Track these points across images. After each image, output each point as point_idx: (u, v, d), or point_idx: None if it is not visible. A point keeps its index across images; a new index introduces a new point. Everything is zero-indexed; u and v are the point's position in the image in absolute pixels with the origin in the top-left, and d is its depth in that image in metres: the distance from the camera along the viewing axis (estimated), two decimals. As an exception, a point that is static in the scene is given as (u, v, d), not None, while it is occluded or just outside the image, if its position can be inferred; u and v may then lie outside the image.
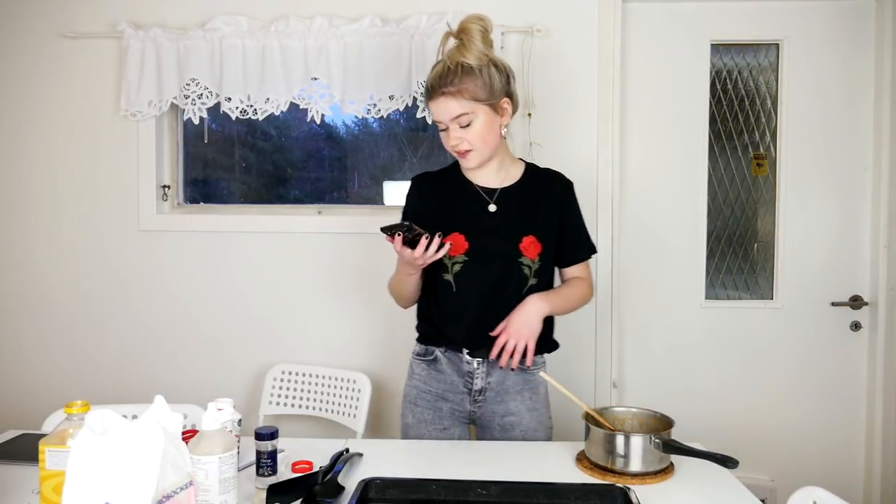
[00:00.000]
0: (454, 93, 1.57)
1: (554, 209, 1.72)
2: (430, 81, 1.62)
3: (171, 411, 1.04)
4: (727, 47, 2.53)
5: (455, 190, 1.73)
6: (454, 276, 1.66)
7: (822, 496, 1.24)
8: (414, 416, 1.72)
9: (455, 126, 1.60)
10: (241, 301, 2.59)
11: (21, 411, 2.58)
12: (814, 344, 2.52)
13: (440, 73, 1.60)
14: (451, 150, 1.65)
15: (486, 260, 1.65)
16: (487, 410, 1.70)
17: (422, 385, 1.73)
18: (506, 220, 1.68)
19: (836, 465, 2.53)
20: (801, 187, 2.51)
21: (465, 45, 1.60)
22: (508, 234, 1.66)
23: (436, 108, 1.61)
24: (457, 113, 1.59)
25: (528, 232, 1.66)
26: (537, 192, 1.72)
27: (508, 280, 1.65)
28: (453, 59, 1.59)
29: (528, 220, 1.68)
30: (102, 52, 2.54)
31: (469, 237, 1.65)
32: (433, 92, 1.61)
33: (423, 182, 1.79)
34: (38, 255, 2.61)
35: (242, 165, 2.72)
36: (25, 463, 1.44)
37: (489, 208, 1.69)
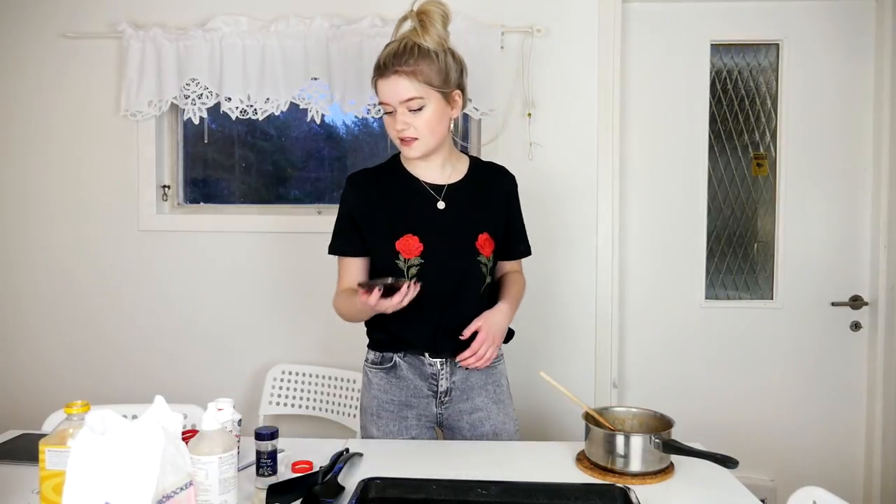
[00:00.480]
0: (408, 73, 1.49)
1: (502, 205, 1.68)
2: (383, 59, 1.52)
3: (171, 411, 1.04)
4: (727, 47, 2.53)
5: (400, 187, 1.63)
6: (410, 279, 1.56)
7: (822, 496, 1.24)
8: (379, 430, 1.64)
9: (403, 109, 1.52)
10: (241, 301, 2.59)
11: (21, 411, 2.58)
12: (814, 344, 2.52)
13: (395, 51, 1.50)
14: (394, 135, 1.56)
15: (444, 261, 1.58)
16: (454, 410, 1.65)
17: (382, 395, 1.65)
18: (459, 219, 1.61)
19: (836, 465, 2.53)
20: (801, 187, 2.51)
21: (425, 26, 1.52)
22: (463, 232, 1.61)
23: (386, 88, 1.51)
24: (408, 95, 1.50)
25: (482, 229, 1.61)
26: (486, 188, 1.67)
27: (468, 280, 1.60)
28: (410, 39, 1.51)
29: (481, 216, 1.63)
30: (102, 52, 2.54)
31: (423, 238, 1.58)
32: (384, 69, 1.51)
33: (363, 180, 1.66)
34: (38, 255, 2.61)
35: (242, 165, 2.72)
36: (25, 463, 1.44)
37: (438, 206, 1.61)
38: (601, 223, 2.47)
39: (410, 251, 1.58)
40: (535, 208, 2.48)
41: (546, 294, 2.50)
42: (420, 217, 1.60)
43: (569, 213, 2.49)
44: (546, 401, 2.44)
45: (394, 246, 1.58)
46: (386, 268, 1.59)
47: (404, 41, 1.51)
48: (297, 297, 2.56)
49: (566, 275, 2.50)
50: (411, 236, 1.58)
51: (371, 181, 1.66)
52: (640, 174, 2.55)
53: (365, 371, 1.71)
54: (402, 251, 1.58)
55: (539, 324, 2.49)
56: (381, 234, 1.60)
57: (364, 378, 1.71)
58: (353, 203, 1.64)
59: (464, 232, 1.61)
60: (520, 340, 1.79)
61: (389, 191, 1.63)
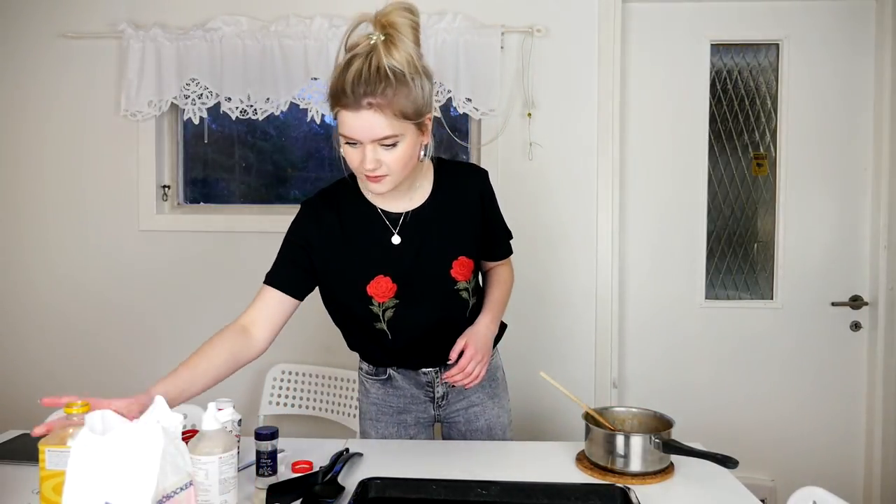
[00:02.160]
0: (381, 106, 1.23)
1: (475, 215, 1.50)
2: (348, 85, 1.23)
3: (171, 411, 1.04)
4: (727, 47, 2.53)
5: (359, 219, 1.44)
6: (388, 323, 1.46)
7: (822, 496, 1.24)
8: (378, 433, 1.62)
9: (374, 146, 1.27)
10: (241, 301, 2.56)
11: (21, 411, 2.57)
12: (814, 344, 2.52)
13: (362, 77, 1.22)
14: (358, 170, 1.33)
15: (419, 299, 1.45)
16: (451, 410, 1.64)
17: (380, 402, 1.62)
18: (424, 250, 1.44)
19: (836, 465, 2.53)
20: (801, 187, 2.51)
21: (394, 43, 1.25)
22: (434, 264, 1.45)
23: (355, 122, 1.25)
24: (382, 134, 1.25)
25: (456, 255, 1.46)
26: (452, 204, 1.47)
27: (449, 312, 1.49)
28: (379, 60, 1.23)
29: (452, 240, 1.46)
30: (102, 52, 2.54)
31: (395, 278, 1.43)
32: (351, 100, 1.23)
33: (322, 210, 1.45)
34: (38, 254, 2.61)
35: (242, 165, 2.72)
36: (25, 463, 1.44)
37: (392, 240, 1.43)
38: (601, 223, 2.47)
39: (384, 294, 1.43)
40: (535, 208, 2.49)
41: (546, 294, 2.50)
42: (384, 253, 1.43)
43: (569, 213, 2.49)
44: (546, 401, 2.44)
45: (365, 291, 1.43)
46: (358, 313, 1.46)
47: (372, 62, 1.23)
48: (297, 297, 2.56)
49: (566, 275, 2.50)
50: (382, 277, 1.42)
51: (331, 211, 1.45)
52: (640, 174, 2.55)
53: (361, 379, 1.66)
54: (374, 295, 1.44)
55: (539, 324, 2.49)
56: (349, 279, 1.44)
57: (361, 386, 1.67)
58: (315, 235, 1.44)
59: (434, 264, 1.45)
60: (520, 340, 1.79)
61: (351, 223, 1.44)
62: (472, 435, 1.65)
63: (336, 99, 1.27)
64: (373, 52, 1.24)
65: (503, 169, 2.46)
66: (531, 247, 2.47)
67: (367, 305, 1.45)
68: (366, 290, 1.43)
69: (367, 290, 1.44)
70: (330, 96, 1.29)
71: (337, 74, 1.27)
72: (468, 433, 1.65)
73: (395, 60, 1.24)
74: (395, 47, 1.25)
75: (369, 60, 1.24)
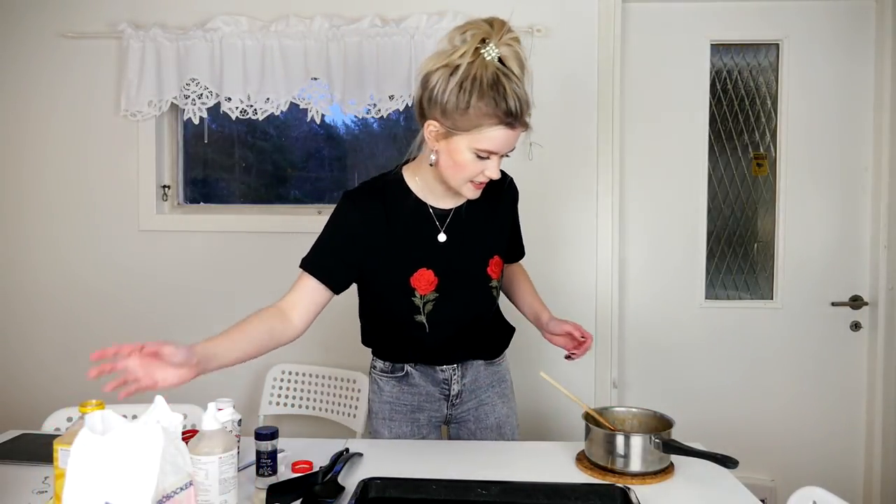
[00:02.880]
0: (525, 123, 1.36)
1: (507, 218, 1.61)
2: (511, 107, 1.31)
3: (171, 411, 1.04)
4: (727, 47, 2.53)
5: (409, 214, 1.49)
6: (427, 315, 1.51)
7: (822, 496, 1.24)
8: (391, 432, 1.63)
9: (501, 157, 1.40)
10: (241, 301, 2.58)
11: (21, 411, 2.58)
12: (814, 344, 2.52)
13: (521, 100, 1.33)
14: (475, 179, 1.40)
15: (458, 293, 1.52)
16: (462, 409, 1.66)
17: (394, 401, 1.63)
18: (465, 247, 1.51)
19: (836, 465, 2.53)
20: (801, 187, 2.51)
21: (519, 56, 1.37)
22: (474, 261, 1.53)
23: (509, 138, 1.35)
24: (515, 144, 1.39)
25: (492, 254, 1.56)
26: (492, 206, 1.55)
27: (481, 306, 1.58)
28: (520, 79, 1.35)
29: (490, 240, 1.56)
30: (102, 52, 2.54)
31: (437, 272, 1.49)
32: (514, 120, 1.33)
33: (369, 201, 1.47)
34: (38, 254, 2.61)
35: (242, 165, 2.72)
36: (25, 463, 1.44)
37: (438, 238, 1.50)
38: (601, 223, 2.47)
39: (426, 287, 1.49)
40: (535, 208, 2.49)
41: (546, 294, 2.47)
42: (430, 249, 1.49)
43: (569, 213, 2.49)
44: (546, 401, 2.44)
45: (409, 282, 1.48)
46: (399, 304, 1.50)
47: (516, 82, 1.33)
48: (297, 297, 2.56)
49: (566, 275, 2.50)
50: (425, 270, 1.48)
51: (380, 204, 1.47)
52: (640, 174, 2.55)
53: (374, 378, 1.66)
54: (417, 287, 1.49)
55: (539, 324, 2.49)
56: (394, 269, 1.49)
57: (373, 385, 1.66)
58: (363, 228, 1.46)
59: (474, 261, 1.54)
60: (520, 340, 1.79)
61: (400, 218, 1.48)
62: (482, 433, 1.66)
63: (487, 117, 1.31)
64: (509, 72, 1.32)
65: (503, 169, 2.45)
66: (531, 247, 2.44)
67: (409, 297, 1.49)
68: (409, 281, 1.48)
69: (411, 281, 1.48)
70: (472, 114, 1.31)
71: (482, 93, 1.30)
72: (478, 431, 1.66)
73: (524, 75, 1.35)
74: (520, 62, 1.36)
75: (512, 80, 1.32)
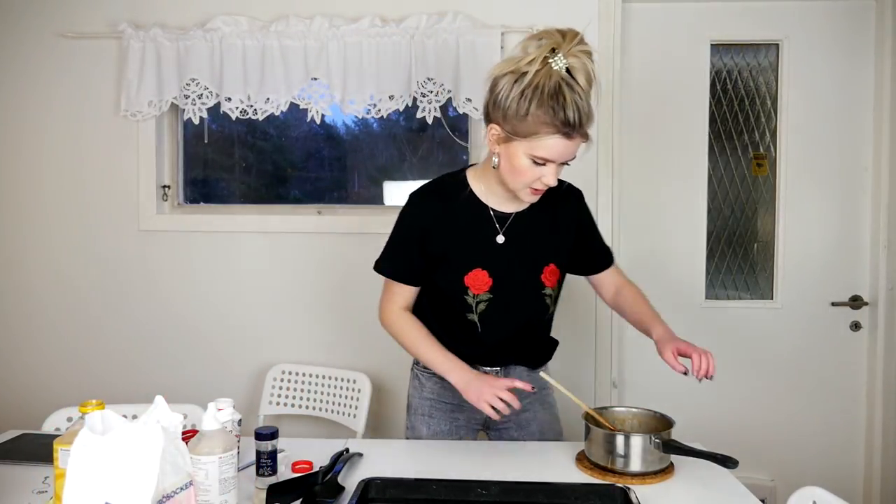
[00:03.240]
0: (585, 134, 1.39)
1: (569, 228, 1.61)
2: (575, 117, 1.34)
3: (171, 411, 1.04)
4: (727, 47, 2.53)
5: (469, 215, 1.54)
6: (479, 314, 1.56)
7: (822, 496, 1.24)
8: (429, 429, 1.65)
9: (560, 166, 1.42)
10: (241, 301, 2.59)
11: (21, 411, 2.57)
12: (814, 344, 2.52)
13: (579, 108, 1.35)
14: (532, 185, 1.43)
15: (511, 296, 1.55)
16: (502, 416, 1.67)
17: (435, 398, 1.66)
18: (521, 251, 1.55)
19: (836, 465, 2.53)
20: (801, 187, 2.51)
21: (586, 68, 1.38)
22: (528, 266, 1.56)
23: (564, 150, 1.38)
24: (574, 154, 1.42)
25: (548, 261, 1.57)
26: (552, 214, 1.58)
27: (533, 312, 1.59)
28: (584, 91, 1.36)
29: (546, 247, 1.58)
30: (102, 52, 2.54)
31: (491, 273, 1.54)
32: (572, 130, 1.36)
33: (432, 202, 1.55)
34: (38, 255, 2.61)
35: (242, 165, 2.72)
36: (25, 463, 1.44)
37: (497, 240, 1.54)
38: (601, 223, 2.45)
39: (480, 286, 1.54)
40: (535, 208, 2.48)
41: (546, 294, 2.49)
42: (489, 250, 1.54)
43: (569, 213, 2.49)
44: (546, 401, 2.44)
45: (463, 280, 1.53)
46: (453, 301, 1.55)
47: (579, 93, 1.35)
48: (298, 296, 2.56)
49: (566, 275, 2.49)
50: (480, 270, 1.53)
51: (443, 204, 1.55)
52: (639, 174, 2.55)
53: (416, 374, 1.70)
54: (471, 286, 1.54)
55: (539, 324, 2.49)
56: (451, 266, 1.54)
57: (414, 381, 1.70)
58: (428, 226, 1.54)
59: (529, 266, 1.56)
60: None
61: (460, 218, 1.54)
62: (524, 441, 1.65)
63: (545, 126, 1.34)
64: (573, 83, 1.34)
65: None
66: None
67: (462, 295, 1.54)
68: (463, 280, 1.53)
69: (465, 280, 1.54)
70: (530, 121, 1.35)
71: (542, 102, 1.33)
72: (520, 438, 1.66)
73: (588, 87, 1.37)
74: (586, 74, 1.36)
75: (576, 91, 1.35)
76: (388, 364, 2.51)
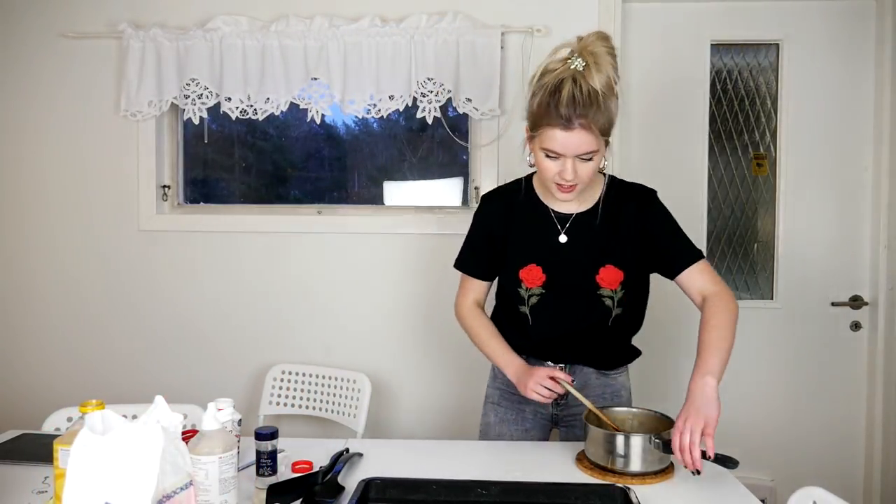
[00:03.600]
0: (587, 125, 1.39)
1: (632, 230, 1.58)
2: (564, 108, 1.38)
3: (171, 411, 1.04)
4: (727, 47, 2.53)
5: (531, 214, 1.62)
6: (530, 308, 1.60)
7: (822, 496, 1.24)
8: (496, 416, 1.70)
9: (574, 160, 1.43)
10: (241, 301, 2.59)
11: (21, 411, 2.58)
12: (814, 344, 2.52)
13: (577, 100, 1.37)
14: (553, 179, 1.47)
15: (564, 293, 1.58)
16: (569, 412, 1.68)
17: (505, 388, 1.69)
18: (580, 251, 1.58)
19: (836, 465, 2.53)
20: (801, 187, 2.51)
21: (599, 69, 1.40)
22: (584, 266, 1.57)
23: (567, 140, 1.40)
24: (588, 149, 1.41)
25: (604, 262, 1.57)
26: (613, 217, 1.59)
27: (589, 314, 1.59)
28: (589, 85, 1.39)
29: (604, 248, 1.57)
30: (102, 52, 2.54)
31: (546, 269, 1.58)
32: (568, 121, 1.39)
33: (501, 202, 1.66)
34: (38, 255, 2.61)
35: (242, 165, 2.72)
36: (25, 463, 1.44)
37: (560, 239, 1.59)
38: (601, 223, 2.47)
39: (533, 281, 1.59)
40: (535, 208, 2.48)
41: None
42: (544, 248, 1.59)
43: (569, 213, 2.49)
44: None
45: (517, 274, 1.59)
46: (509, 292, 1.62)
47: (582, 87, 1.38)
48: (297, 296, 2.56)
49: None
50: (535, 266, 1.58)
51: (507, 204, 1.65)
52: (640, 174, 2.54)
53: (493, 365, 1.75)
54: (524, 280, 1.59)
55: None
56: (509, 260, 1.62)
57: (492, 371, 1.76)
58: (493, 225, 1.65)
59: (584, 266, 1.57)
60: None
61: (521, 217, 1.63)
62: None
63: (545, 118, 1.41)
64: (580, 78, 1.39)
65: (503, 169, 2.46)
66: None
67: (516, 287, 1.60)
68: (518, 273, 1.59)
69: (520, 273, 1.59)
70: (536, 115, 1.44)
71: (545, 96, 1.41)
72: None
73: (599, 84, 1.39)
74: (599, 72, 1.40)
75: (579, 85, 1.39)
76: (388, 364, 2.52)
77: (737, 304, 1.55)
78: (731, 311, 1.53)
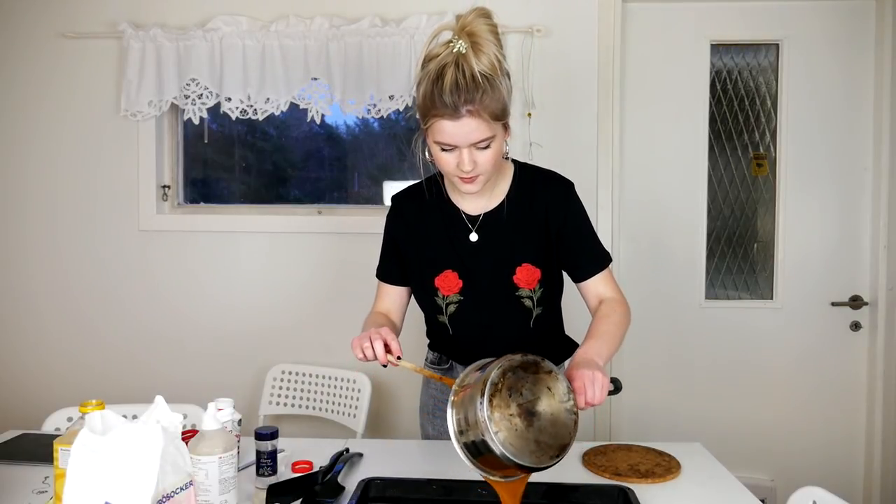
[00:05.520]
0: (478, 111, 1.27)
1: (546, 224, 1.46)
2: (445, 94, 1.26)
3: (171, 411, 1.04)
4: (727, 47, 2.53)
5: (440, 216, 1.50)
6: (449, 317, 1.50)
7: (822, 496, 1.24)
8: (434, 428, 1.62)
9: (471, 149, 1.31)
10: (241, 301, 2.58)
11: (21, 411, 2.58)
12: (814, 344, 2.52)
13: (459, 86, 1.26)
14: (453, 172, 1.35)
15: (481, 299, 1.48)
16: None
17: (439, 395, 1.62)
18: (493, 252, 1.46)
19: (836, 465, 2.53)
20: (801, 187, 2.51)
21: (482, 49, 1.28)
22: (499, 267, 1.46)
23: (455, 130, 1.28)
24: (480, 137, 1.29)
25: (521, 261, 1.46)
26: (525, 209, 1.47)
27: (509, 317, 1.49)
28: (471, 68, 1.27)
29: (518, 246, 1.46)
30: (102, 52, 2.54)
31: (462, 274, 1.47)
32: (453, 109, 1.26)
33: (408, 204, 1.54)
34: (38, 255, 2.61)
35: (242, 165, 2.72)
36: (25, 463, 1.44)
37: (471, 238, 1.47)
38: (601, 223, 2.47)
39: (449, 288, 1.48)
40: (535, 208, 2.48)
41: (546, 294, 2.49)
42: (460, 251, 1.48)
43: (569, 213, 2.49)
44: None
45: (433, 282, 1.48)
46: (426, 303, 1.52)
47: (465, 71, 1.27)
48: (297, 296, 2.56)
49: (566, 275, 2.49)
50: (450, 272, 1.48)
51: (414, 206, 1.53)
52: (640, 174, 2.55)
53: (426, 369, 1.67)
54: (440, 288, 1.48)
55: (539, 324, 2.48)
56: (421, 269, 1.51)
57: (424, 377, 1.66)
58: (397, 231, 1.54)
59: (499, 267, 1.46)
60: (520, 340, 1.78)
61: (430, 220, 1.50)
62: None
63: (432, 109, 1.29)
64: (463, 61, 1.27)
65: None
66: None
67: (432, 297, 1.50)
68: (433, 281, 1.49)
69: (435, 282, 1.49)
70: (423, 107, 1.32)
71: (429, 85, 1.29)
72: None
73: (484, 66, 1.27)
74: (483, 53, 1.28)
75: (461, 69, 1.27)
76: (388, 364, 2.51)
77: (630, 318, 1.46)
78: (626, 316, 1.45)
